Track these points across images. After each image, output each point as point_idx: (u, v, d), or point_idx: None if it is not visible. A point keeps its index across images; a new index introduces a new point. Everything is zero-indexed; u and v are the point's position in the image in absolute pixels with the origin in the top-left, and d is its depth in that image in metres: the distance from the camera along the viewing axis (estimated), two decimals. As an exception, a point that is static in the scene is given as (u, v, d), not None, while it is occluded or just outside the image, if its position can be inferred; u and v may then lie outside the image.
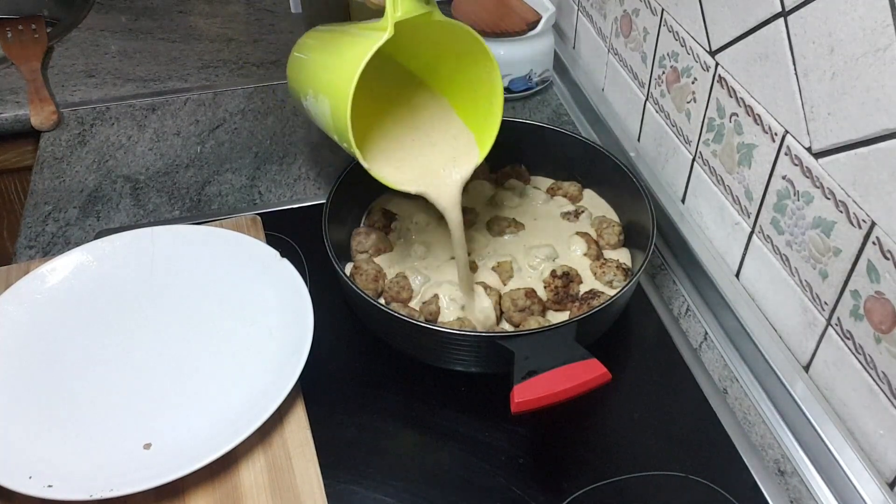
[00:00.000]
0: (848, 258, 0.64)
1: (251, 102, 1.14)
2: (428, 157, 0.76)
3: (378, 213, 0.86)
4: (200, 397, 0.70)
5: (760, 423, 0.73)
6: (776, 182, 0.71)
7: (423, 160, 0.76)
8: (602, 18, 1.04)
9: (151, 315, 0.78)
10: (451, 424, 0.72)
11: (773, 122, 0.70)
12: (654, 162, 0.94)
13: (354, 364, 0.78)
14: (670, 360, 0.78)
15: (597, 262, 0.80)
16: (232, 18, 1.33)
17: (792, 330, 0.73)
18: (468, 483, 0.68)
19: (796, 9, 0.64)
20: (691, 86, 0.83)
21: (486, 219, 0.86)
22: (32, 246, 0.91)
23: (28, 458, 0.64)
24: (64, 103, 1.12)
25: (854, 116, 0.60)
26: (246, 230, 0.86)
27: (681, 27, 0.83)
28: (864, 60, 0.58)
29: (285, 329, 0.74)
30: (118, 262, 0.81)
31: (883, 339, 0.61)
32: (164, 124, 1.10)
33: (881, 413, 0.63)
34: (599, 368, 0.65)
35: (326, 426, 0.71)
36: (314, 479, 0.66)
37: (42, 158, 1.04)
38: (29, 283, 0.78)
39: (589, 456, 0.70)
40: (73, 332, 0.76)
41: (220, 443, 0.65)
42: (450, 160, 0.76)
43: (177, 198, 0.98)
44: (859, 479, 0.64)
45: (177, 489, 0.65)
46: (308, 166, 1.03)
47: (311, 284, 0.76)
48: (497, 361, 0.67)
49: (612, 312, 0.77)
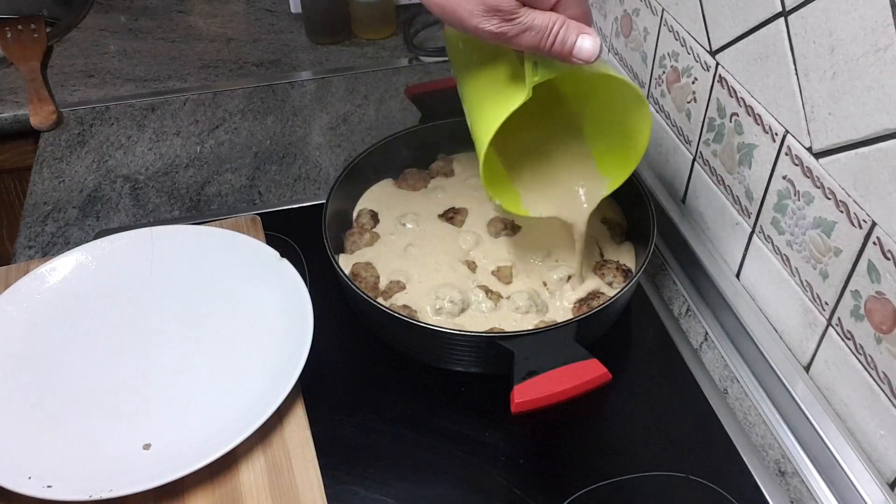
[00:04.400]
0: (848, 258, 0.64)
1: (251, 102, 1.14)
2: (555, 187, 0.77)
3: (366, 216, 0.86)
4: (200, 397, 0.70)
5: (761, 424, 0.73)
6: (776, 182, 0.71)
7: (551, 191, 0.77)
8: (602, 18, 1.04)
9: (151, 315, 0.78)
10: (451, 424, 0.72)
11: (774, 122, 0.70)
12: (654, 162, 0.94)
13: (354, 364, 0.78)
14: (670, 360, 0.78)
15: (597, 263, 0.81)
16: (232, 18, 1.33)
17: (792, 330, 0.73)
18: (468, 483, 0.68)
19: (797, 8, 0.64)
20: (692, 86, 0.83)
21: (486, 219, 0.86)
22: (32, 246, 0.91)
23: (28, 459, 0.64)
24: (63, 103, 1.12)
25: (854, 116, 0.60)
26: (246, 230, 0.86)
27: (681, 27, 0.83)
28: (864, 60, 0.58)
29: (285, 329, 0.74)
30: (118, 263, 0.81)
31: (884, 340, 0.61)
32: (164, 124, 1.10)
33: (882, 413, 0.63)
34: (599, 368, 0.65)
35: (326, 426, 0.70)
36: (314, 480, 0.66)
37: (41, 158, 1.04)
38: (28, 283, 0.77)
39: (589, 456, 0.70)
40: (72, 333, 0.76)
41: (220, 443, 0.65)
42: (575, 191, 0.77)
43: (176, 198, 0.98)
44: (860, 480, 0.64)
45: (176, 489, 0.65)
46: (308, 166, 1.03)
47: (311, 284, 0.76)
48: (497, 361, 0.67)
49: (613, 313, 0.77)
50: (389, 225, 0.85)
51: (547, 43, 0.56)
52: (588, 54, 0.57)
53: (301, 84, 1.18)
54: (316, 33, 1.27)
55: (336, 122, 1.11)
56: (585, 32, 0.57)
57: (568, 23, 0.56)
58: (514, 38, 0.56)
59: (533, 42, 0.56)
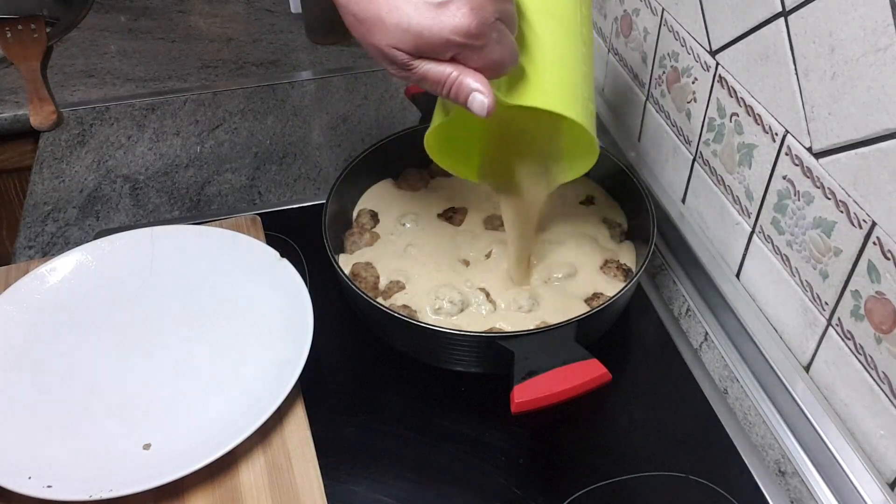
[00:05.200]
0: (848, 258, 0.64)
1: (251, 102, 1.14)
2: (521, 163, 0.75)
3: (366, 216, 0.86)
4: (200, 397, 0.70)
5: (761, 424, 0.73)
6: (777, 182, 0.71)
7: (516, 167, 0.75)
8: (602, 18, 1.04)
9: (151, 315, 0.78)
10: (451, 424, 0.72)
11: (774, 122, 0.70)
12: (654, 162, 0.94)
13: (354, 364, 0.78)
14: (670, 360, 0.78)
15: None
16: (232, 18, 1.33)
17: (792, 330, 0.73)
18: (468, 483, 0.68)
19: (797, 8, 0.64)
20: (692, 86, 0.83)
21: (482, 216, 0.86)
22: (32, 246, 0.91)
23: (28, 459, 0.64)
24: (63, 103, 1.12)
25: (854, 116, 0.60)
26: (245, 230, 0.86)
27: (681, 27, 0.83)
28: (864, 60, 0.58)
29: (285, 329, 0.74)
30: (118, 263, 0.81)
31: (883, 340, 0.61)
32: (164, 124, 1.10)
33: (882, 413, 0.63)
34: (599, 368, 0.65)
35: (326, 426, 0.70)
36: (314, 480, 0.66)
37: (41, 158, 1.04)
38: (28, 283, 0.77)
39: (589, 456, 0.70)
40: (72, 333, 0.75)
41: (220, 443, 0.65)
42: (539, 169, 0.74)
43: (176, 198, 0.98)
44: (860, 480, 0.64)
45: (176, 490, 0.65)
46: (308, 166, 1.03)
47: (311, 284, 0.76)
48: (497, 362, 0.67)
49: (612, 312, 0.77)
50: (389, 225, 0.85)
51: (442, 92, 0.57)
52: (477, 111, 0.57)
53: (301, 84, 1.18)
54: (316, 33, 1.27)
55: (336, 122, 1.11)
56: (477, 90, 0.56)
57: (463, 76, 0.56)
58: (417, 83, 0.58)
59: (431, 90, 0.57)
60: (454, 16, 0.53)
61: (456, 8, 0.53)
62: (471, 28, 0.53)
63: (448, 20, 0.53)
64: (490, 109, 0.56)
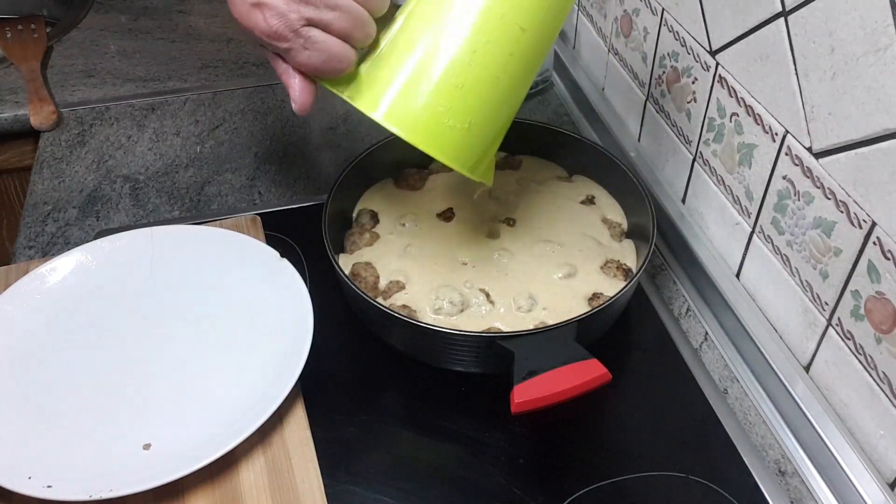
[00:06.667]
0: (848, 258, 0.64)
1: (251, 102, 1.14)
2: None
3: (366, 216, 0.86)
4: (200, 397, 0.70)
5: (761, 424, 0.73)
6: (777, 182, 0.71)
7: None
8: (602, 18, 1.04)
9: (151, 315, 0.78)
10: (451, 424, 0.72)
11: (774, 122, 0.70)
12: (654, 162, 0.94)
13: (354, 364, 0.78)
14: (670, 360, 0.78)
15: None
16: (232, 18, 1.33)
17: (792, 330, 0.73)
18: (468, 483, 0.68)
19: (797, 8, 0.64)
20: (692, 86, 0.83)
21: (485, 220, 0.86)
22: (32, 246, 0.91)
23: (28, 459, 0.64)
24: (63, 103, 1.12)
25: (854, 116, 0.60)
26: (245, 230, 0.86)
27: (681, 27, 0.83)
28: (864, 60, 0.58)
29: (285, 329, 0.74)
30: (118, 263, 0.81)
31: (884, 340, 0.61)
32: (164, 124, 1.10)
33: (882, 413, 0.63)
34: (599, 368, 0.65)
35: (326, 426, 0.70)
36: (314, 479, 0.66)
37: (41, 158, 1.04)
38: (28, 283, 0.77)
39: (589, 456, 0.70)
40: (72, 333, 0.75)
41: (220, 443, 0.64)
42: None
43: (176, 198, 0.98)
44: (860, 480, 0.64)
45: (176, 490, 0.65)
46: (308, 166, 1.03)
47: (311, 284, 0.76)
48: (497, 362, 0.67)
49: (612, 312, 0.77)
50: (389, 225, 0.85)
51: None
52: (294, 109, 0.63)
53: (301, 84, 1.18)
54: (316, 33, 1.27)
55: (336, 122, 1.11)
56: (291, 88, 0.62)
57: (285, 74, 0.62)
58: None
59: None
60: (259, 18, 0.58)
61: (261, 11, 0.58)
62: (271, 32, 0.58)
63: (256, 22, 0.59)
64: (300, 112, 0.62)
